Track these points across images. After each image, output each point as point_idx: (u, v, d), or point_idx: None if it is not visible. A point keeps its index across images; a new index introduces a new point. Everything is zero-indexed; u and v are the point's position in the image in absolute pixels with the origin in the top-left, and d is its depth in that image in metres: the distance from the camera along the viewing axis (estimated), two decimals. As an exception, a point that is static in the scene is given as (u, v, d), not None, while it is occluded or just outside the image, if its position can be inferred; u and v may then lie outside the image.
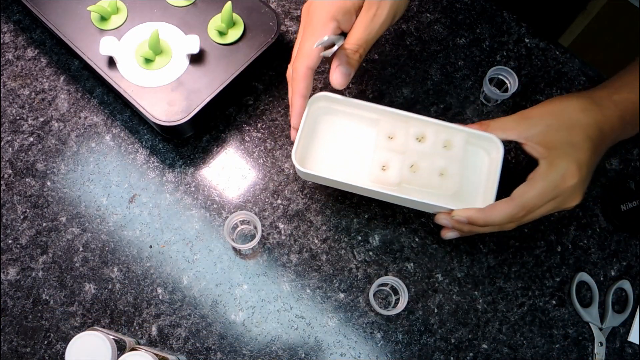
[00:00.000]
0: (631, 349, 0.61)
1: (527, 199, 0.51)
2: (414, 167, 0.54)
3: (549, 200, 0.51)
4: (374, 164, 0.55)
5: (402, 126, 0.56)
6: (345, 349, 0.58)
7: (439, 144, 0.55)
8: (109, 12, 0.62)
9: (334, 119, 0.59)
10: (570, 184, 0.51)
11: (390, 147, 0.55)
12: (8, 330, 0.57)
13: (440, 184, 0.55)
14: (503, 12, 0.73)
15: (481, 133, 0.56)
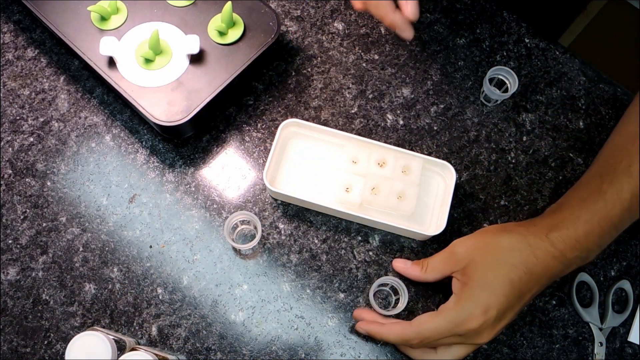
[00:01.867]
0: (631, 349, 0.61)
1: (424, 329, 0.51)
2: (375, 189, 0.60)
3: (448, 336, 0.50)
4: (338, 186, 0.60)
5: (365, 152, 0.61)
6: (345, 349, 0.58)
7: (398, 168, 0.61)
8: (109, 12, 0.62)
9: (303, 143, 0.64)
10: (472, 326, 0.49)
11: (354, 170, 0.61)
12: (8, 330, 0.57)
13: (398, 206, 0.60)
14: (503, 12, 0.73)
15: (436, 160, 0.61)
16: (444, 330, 0.50)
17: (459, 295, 0.51)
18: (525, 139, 0.67)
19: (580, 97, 0.70)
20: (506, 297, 0.49)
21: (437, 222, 0.61)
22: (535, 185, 0.66)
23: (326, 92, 0.68)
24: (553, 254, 0.50)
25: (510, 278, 0.50)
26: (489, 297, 0.49)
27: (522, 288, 0.50)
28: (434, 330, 0.50)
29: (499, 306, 0.49)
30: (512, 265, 0.50)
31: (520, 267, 0.50)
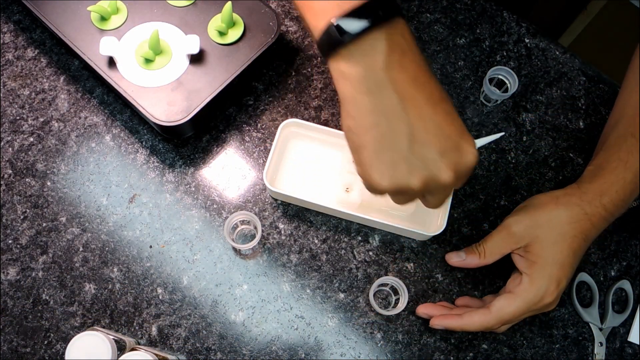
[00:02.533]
0: (631, 349, 0.61)
1: (504, 314, 0.53)
2: None
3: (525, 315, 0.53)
4: (338, 186, 0.61)
5: None
6: (345, 349, 0.58)
7: None
8: (109, 12, 0.62)
9: (303, 143, 0.64)
10: (547, 301, 0.52)
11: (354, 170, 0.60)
12: (8, 330, 0.57)
13: (398, 205, 0.59)
14: (503, 12, 0.73)
15: None
16: (523, 311, 0.53)
17: (531, 274, 0.53)
18: (525, 139, 0.67)
19: (580, 97, 0.70)
20: (572, 266, 0.53)
21: (437, 222, 0.61)
22: (535, 186, 0.66)
23: (326, 92, 0.68)
24: (605, 217, 0.54)
25: (573, 249, 0.53)
26: (560, 271, 0.52)
27: (581, 254, 0.54)
28: (514, 313, 0.52)
29: (567, 276, 0.53)
30: (574, 237, 0.53)
31: (579, 236, 0.53)
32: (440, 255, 0.62)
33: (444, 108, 0.42)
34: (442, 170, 0.42)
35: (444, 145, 0.42)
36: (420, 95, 0.41)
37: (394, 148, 0.42)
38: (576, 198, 0.55)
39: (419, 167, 0.42)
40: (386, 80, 0.40)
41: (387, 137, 0.42)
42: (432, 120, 0.41)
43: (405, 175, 0.43)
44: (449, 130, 0.42)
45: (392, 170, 0.42)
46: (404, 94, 0.41)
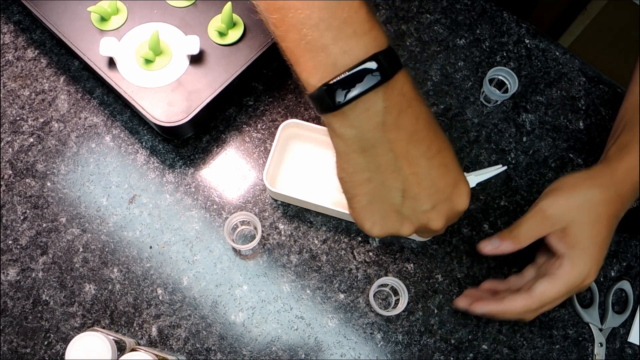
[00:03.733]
0: (631, 350, 0.61)
1: (547, 298, 0.53)
2: None
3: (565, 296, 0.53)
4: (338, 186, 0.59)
5: None
6: (345, 349, 0.58)
7: None
8: (109, 12, 0.62)
9: (303, 144, 0.64)
10: (587, 283, 0.53)
11: None
12: (8, 331, 0.57)
13: None
14: (503, 12, 0.73)
15: None
16: (565, 294, 0.53)
17: (571, 257, 0.52)
18: (525, 139, 0.67)
19: (580, 97, 0.70)
20: (607, 245, 0.54)
21: None
22: (535, 186, 0.66)
23: (326, 93, 0.68)
24: (634, 196, 0.55)
25: (609, 229, 0.53)
26: (599, 251, 0.53)
27: (613, 232, 0.54)
28: (556, 296, 0.52)
29: (604, 253, 0.53)
30: (610, 217, 0.53)
31: (614, 217, 0.54)
32: (440, 256, 0.62)
33: (440, 161, 0.42)
34: (433, 220, 0.44)
35: (436, 199, 0.43)
36: (416, 152, 0.41)
37: (385, 201, 0.43)
38: (608, 178, 0.54)
39: (410, 218, 0.44)
40: (381, 140, 0.40)
41: (380, 192, 0.43)
42: (426, 175, 0.42)
43: (396, 225, 0.44)
44: (443, 183, 0.43)
45: (383, 220, 0.44)
46: (399, 151, 0.41)
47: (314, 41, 0.37)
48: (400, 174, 0.41)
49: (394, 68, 0.39)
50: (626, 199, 0.54)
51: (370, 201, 0.43)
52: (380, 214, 0.44)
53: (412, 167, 0.41)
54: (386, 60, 0.38)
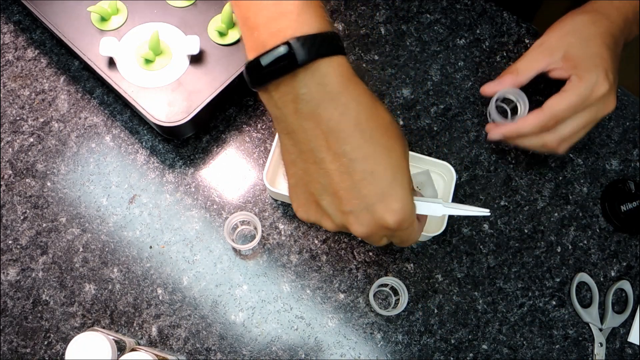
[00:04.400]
0: (631, 350, 0.61)
1: (558, 110, 0.53)
2: None
3: (580, 111, 0.54)
4: None
5: None
6: (345, 349, 0.58)
7: None
8: (109, 12, 0.62)
9: None
10: (601, 92, 0.54)
11: None
12: (8, 331, 0.57)
13: None
14: (503, 12, 0.73)
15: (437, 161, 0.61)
16: (577, 105, 0.54)
17: (576, 72, 0.55)
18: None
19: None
20: (611, 60, 0.56)
21: (437, 222, 0.61)
22: (535, 186, 0.66)
23: (326, 93, 0.68)
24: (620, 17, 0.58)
25: (605, 44, 0.56)
26: (602, 62, 0.55)
27: (614, 50, 0.57)
28: (567, 107, 0.54)
29: (612, 68, 0.55)
30: (601, 34, 0.56)
31: (606, 33, 0.56)
32: (440, 256, 0.62)
33: (366, 167, 0.39)
34: (352, 225, 0.41)
35: (356, 205, 0.40)
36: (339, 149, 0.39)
37: (307, 189, 0.42)
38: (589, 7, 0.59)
39: (330, 215, 0.42)
40: (299, 128, 0.39)
41: (303, 178, 0.42)
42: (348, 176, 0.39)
43: (317, 216, 0.43)
44: (366, 191, 0.40)
45: (306, 208, 0.43)
46: (319, 143, 0.39)
47: (252, 20, 0.39)
48: (321, 167, 0.40)
49: (311, 55, 0.37)
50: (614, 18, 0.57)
51: (296, 184, 0.43)
52: (303, 200, 0.43)
53: (335, 163, 0.39)
54: (304, 46, 0.36)
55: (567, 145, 0.57)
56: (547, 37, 0.59)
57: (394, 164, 0.40)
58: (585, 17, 0.58)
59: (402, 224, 0.41)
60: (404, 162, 0.41)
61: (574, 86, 0.54)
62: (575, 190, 0.66)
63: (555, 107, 0.54)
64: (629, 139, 0.69)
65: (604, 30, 0.56)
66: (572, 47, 0.56)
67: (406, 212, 0.40)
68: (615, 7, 0.58)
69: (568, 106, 0.54)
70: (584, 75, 0.54)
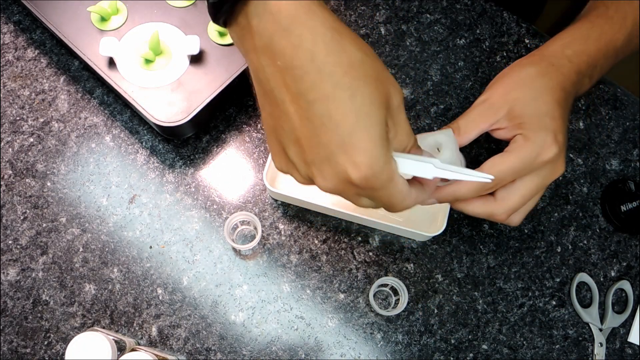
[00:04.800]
0: (631, 350, 0.61)
1: (497, 171, 0.47)
2: None
3: (525, 177, 0.48)
4: None
5: None
6: (345, 349, 0.58)
7: None
8: (109, 12, 0.62)
9: None
10: (548, 156, 0.47)
11: None
12: (8, 331, 0.57)
13: None
14: (503, 12, 0.73)
15: None
16: (520, 169, 0.47)
17: (523, 133, 0.48)
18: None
19: (580, 97, 0.70)
20: (562, 119, 0.49)
21: (437, 222, 0.61)
22: (535, 186, 0.66)
23: (326, 93, 0.68)
24: (574, 70, 0.52)
25: (556, 100, 0.50)
26: (552, 122, 0.48)
27: (565, 107, 0.51)
28: (508, 170, 0.47)
29: (562, 129, 0.49)
30: (552, 88, 0.50)
31: (557, 87, 0.50)
32: (440, 256, 0.62)
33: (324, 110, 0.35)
34: (316, 178, 0.38)
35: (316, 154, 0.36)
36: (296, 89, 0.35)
37: (276, 137, 0.39)
38: (538, 56, 0.53)
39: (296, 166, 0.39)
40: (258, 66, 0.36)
41: (272, 124, 0.38)
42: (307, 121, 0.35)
43: (288, 167, 0.40)
44: (326, 138, 0.35)
45: (278, 157, 0.40)
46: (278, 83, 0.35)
47: None
48: (283, 110, 0.36)
49: None
50: (566, 70, 0.51)
51: (268, 130, 0.39)
52: (275, 148, 0.39)
53: (294, 105, 0.35)
54: None
55: (519, 217, 0.51)
56: (491, 93, 0.52)
57: (357, 109, 0.34)
58: (534, 68, 0.51)
59: (370, 181, 0.36)
60: (374, 108, 0.35)
61: (519, 148, 0.48)
62: (575, 190, 0.66)
63: (495, 168, 0.47)
64: (629, 139, 0.69)
65: (555, 84, 0.50)
66: (518, 103, 0.49)
67: (374, 168, 0.35)
68: (567, 58, 0.52)
69: (509, 169, 0.47)
70: (530, 137, 0.48)
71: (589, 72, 0.54)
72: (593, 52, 0.53)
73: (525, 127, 0.48)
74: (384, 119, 0.36)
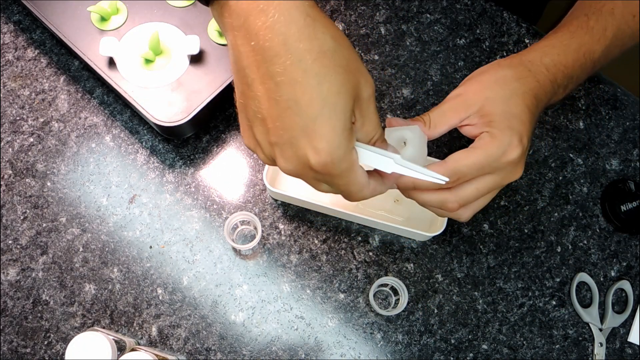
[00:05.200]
0: (631, 350, 0.61)
1: (461, 165, 0.46)
2: None
3: (486, 174, 0.48)
4: None
5: None
6: (345, 349, 0.58)
7: None
8: (109, 12, 0.62)
9: None
10: (511, 157, 0.47)
11: None
12: (8, 331, 0.57)
13: (393, 209, 0.61)
14: (503, 12, 0.73)
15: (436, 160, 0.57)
16: (484, 165, 0.47)
17: (490, 131, 0.48)
18: (526, 139, 0.67)
19: (580, 97, 0.70)
20: (530, 123, 0.49)
21: (437, 222, 0.61)
22: (535, 186, 0.66)
23: (326, 93, 0.68)
24: (550, 79, 0.52)
25: (527, 104, 0.50)
26: (520, 125, 0.48)
27: (535, 113, 0.51)
28: (472, 165, 0.47)
29: (527, 133, 0.49)
30: (525, 92, 0.50)
31: (529, 93, 0.50)
32: (440, 256, 0.62)
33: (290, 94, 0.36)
34: (278, 159, 0.39)
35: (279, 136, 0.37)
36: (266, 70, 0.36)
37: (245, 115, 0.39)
38: (517, 60, 0.53)
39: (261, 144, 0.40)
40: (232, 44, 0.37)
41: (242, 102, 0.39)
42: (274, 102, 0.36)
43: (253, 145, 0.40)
44: (289, 122, 0.36)
45: (246, 134, 0.40)
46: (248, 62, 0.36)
47: None
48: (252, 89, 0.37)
49: None
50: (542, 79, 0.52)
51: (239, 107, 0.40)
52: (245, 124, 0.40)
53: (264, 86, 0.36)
54: None
55: (469, 212, 0.50)
56: (465, 88, 0.52)
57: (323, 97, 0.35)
58: (511, 71, 0.51)
59: (329, 167, 0.37)
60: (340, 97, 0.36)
61: (485, 145, 0.47)
62: (575, 190, 0.66)
63: (459, 162, 0.46)
64: (629, 139, 0.69)
65: (528, 90, 0.50)
66: (490, 102, 0.49)
67: (333, 155, 0.37)
68: (545, 66, 0.52)
69: (474, 164, 0.46)
70: (497, 135, 0.47)
71: (565, 82, 0.54)
72: (570, 63, 0.53)
73: (494, 126, 0.49)
74: (350, 108, 0.37)
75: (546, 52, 0.54)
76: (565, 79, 0.53)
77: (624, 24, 0.56)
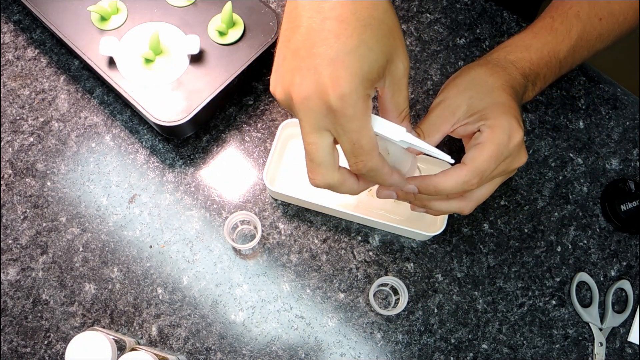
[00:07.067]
0: (631, 349, 0.61)
1: (480, 163, 0.47)
2: (371, 191, 0.60)
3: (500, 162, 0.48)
4: None
5: None
6: (345, 349, 0.58)
7: None
8: (109, 12, 0.62)
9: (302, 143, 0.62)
10: (517, 140, 0.48)
11: None
12: (8, 330, 0.57)
13: (393, 208, 0.61)
14: (503, 12, 0.73)
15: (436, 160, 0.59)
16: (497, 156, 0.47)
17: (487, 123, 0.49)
18: (525, 138, 0.67)
19: (580, 97, 0.70)
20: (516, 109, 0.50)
21: (437, 222, 0.61)
22: (535, 186, 0.66)
23: (326, 92, 0.68)
24: (519, 71, 0.54)
25: (508, 94, 0.51)
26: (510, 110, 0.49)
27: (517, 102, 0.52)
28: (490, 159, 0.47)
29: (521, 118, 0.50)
30: (502, 85, 0.52)
31: (506, 85, 0.52)
32: (440, 255, 0.62)
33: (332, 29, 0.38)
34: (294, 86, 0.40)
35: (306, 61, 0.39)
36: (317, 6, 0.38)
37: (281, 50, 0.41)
38: (484, 60, 0.55)
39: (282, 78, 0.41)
40: None
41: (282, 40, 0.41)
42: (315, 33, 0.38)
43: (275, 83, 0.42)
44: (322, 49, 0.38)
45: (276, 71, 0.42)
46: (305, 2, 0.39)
47: None
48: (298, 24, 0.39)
49: None
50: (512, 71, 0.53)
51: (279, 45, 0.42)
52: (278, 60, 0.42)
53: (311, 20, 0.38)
54: None
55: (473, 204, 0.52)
56: (445, 94, 0.52)
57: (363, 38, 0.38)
58: (482, 69, 0.53)
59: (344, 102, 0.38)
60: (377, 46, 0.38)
61: (489, 136, 0.48)
62: (575, 190, 0.66)
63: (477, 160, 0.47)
64: (629, 139, 0.69)
65: (504, 82, 0.51)
66: (474, 99, 0.50)
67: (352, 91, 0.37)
68: (510, 62, 0.54)
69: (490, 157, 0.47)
70: (496, 124, 0.48)
71: (532, 78, 0.55)
72: (535, 60, 0.55)
73: (489, 117, 0.49)
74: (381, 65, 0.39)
75: (509, 50, 0.56)
76: (532, 74, 0.55)
77: (589, 26, 0.58)
